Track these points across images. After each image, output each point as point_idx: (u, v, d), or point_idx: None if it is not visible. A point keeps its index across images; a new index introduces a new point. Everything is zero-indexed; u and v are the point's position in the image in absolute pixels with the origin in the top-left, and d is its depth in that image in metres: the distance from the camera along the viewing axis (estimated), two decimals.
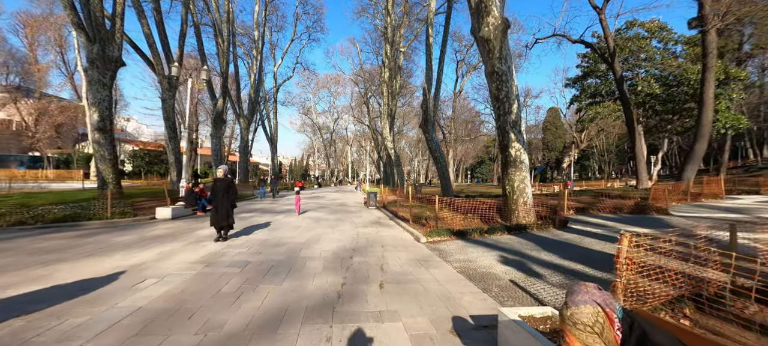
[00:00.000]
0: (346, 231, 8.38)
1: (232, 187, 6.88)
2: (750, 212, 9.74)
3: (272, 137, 42.57)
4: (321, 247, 6.42)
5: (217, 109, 24.36)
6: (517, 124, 8.68)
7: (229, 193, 6.78)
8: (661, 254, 2.87)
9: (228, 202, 6.69)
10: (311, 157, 79.54)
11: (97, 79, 13.28)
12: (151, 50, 18.73)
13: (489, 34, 8.33)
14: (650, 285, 2.78)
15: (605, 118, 33.45)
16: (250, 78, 35.11)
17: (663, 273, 2.86)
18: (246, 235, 7.60)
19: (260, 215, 11.52)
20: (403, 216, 10.57)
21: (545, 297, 3.77)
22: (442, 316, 3.25)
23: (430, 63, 18.20)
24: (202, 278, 4.35)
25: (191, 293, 3.78)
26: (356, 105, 53.13)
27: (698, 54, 25.88)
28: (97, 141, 13.43)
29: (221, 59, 24.90)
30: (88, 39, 12.99)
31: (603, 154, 47.40)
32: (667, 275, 2.90)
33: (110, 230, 8.12)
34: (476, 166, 76.85)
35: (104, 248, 6.16)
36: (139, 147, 45.48)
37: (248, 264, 5.06)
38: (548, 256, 5.66)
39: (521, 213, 8.54)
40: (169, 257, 5.47)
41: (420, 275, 4.61)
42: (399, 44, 28.31)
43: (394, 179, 27.29)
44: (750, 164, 39.37)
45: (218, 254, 5.66)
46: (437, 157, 18.20)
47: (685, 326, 2.52)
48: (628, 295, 2.63)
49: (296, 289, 3.98)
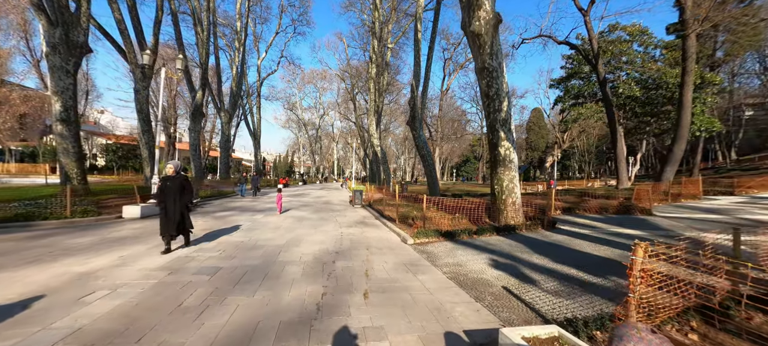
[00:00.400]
0: (330, 232, 7.96)
1: (186, 186, 5.80)
2: (729, 212, 9.94)
3: (255, 132, 41.36)
4: (301, 250, 5.97)
5: (196, 102, 23.25)
6: (507, 122, 8.47)
7: (183, 194, 5.74)
8: (673, 264, 2.63)
9: (181, 204, 5.68)
10: (296, 153, 78.10)
11: (60, 65, 12.25)
12: (122, 38, 17.58)
13: (480, 29, 8.06)
14: (662, 298, 2.53)
15: (588, 119, 34.18)
16: (232, 70, 33.83)
17: (673, 284, 2.62)
18: (220, 236, 7.05)
19: (239, 214, 10.91)
20: (389, 215, 10.22)
21: (542, 307, 3.50)
22: (433, 332, 2.91)
23: (419, 59, 17.89)
24: (162, 288, 3.85)
25: (147, 307, 3.29)
26: (343, 101, 52.37)
27: (676, 58, 26.75)
28: (60, 133, 12.42)
29: (201, 50, 23.75)
30: (49, 22, 11.94)
31: (584, 154, 48.64)
32: (676, 286, 2.67)
33: (68, 231, 7.38)
34: (461, 164, 77.56)
35: (55, 252, 5.51)
36: (112, 141, 43.20)
37: (219, 271, 4.57)
38: (540, 259, 5.44)
39: (510, 213, 8.35)
40: (129, 262, 4.91)
41: (408, 282, 4.27)
42: (387, 40, 27.88)
43: (381, 177, 26.94)
44: (719, 166, 41.29)
45: (186, 259, 5.13)
46: (424, 155, 17.95)
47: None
48: (641, 310, 2.36)
49: (270, 301, 3.55)
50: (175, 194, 5.60)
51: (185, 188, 5.79)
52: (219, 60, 30.29)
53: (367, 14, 30.88)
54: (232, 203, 15.17)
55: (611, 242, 6.59)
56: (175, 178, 5.73)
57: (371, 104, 27.47)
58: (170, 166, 5.80)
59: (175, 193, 5.61)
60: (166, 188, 5.61)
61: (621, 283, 4.19)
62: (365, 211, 12.80)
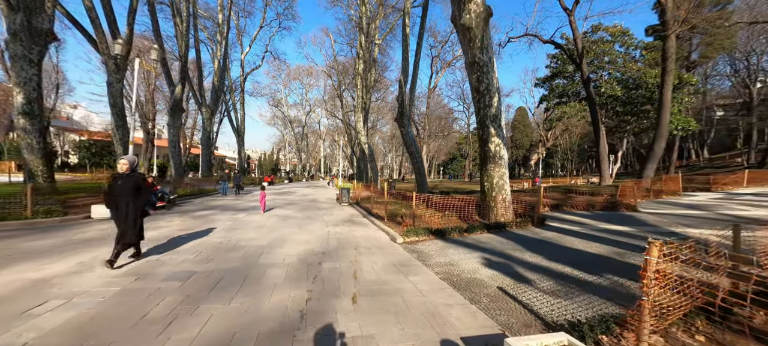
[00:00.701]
0: (316, 231, 7.62)
1: (141, 186, 4.82)
2: (709, 208, 10.19)
3: (239, 129, 40.26)
4: (285, 251, 5.63)
5: (175, 97, 22.28)
6: (497, 118, 8.34)
7: (139, 196, 4.74)
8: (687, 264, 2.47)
9: (135, 209, 4.67)
10: (282, 151, 76.67)
11: (22, 54, 11.36)
12: (93, 27, 16.51)
13: (471, 22, 7.87)
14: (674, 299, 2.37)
15: (571, 117, 34.92)
16: (213, 65, 32.71)
17: (683, 284, 2.46)
18: (198, 238, 6.60)
19: (219, 213, 10.40)
20: (377, 213, 9.96)
21: (541, 309, 3.32)
22: (429, 340, 2.67)
23: (407, 55, 17.65)
24: (126, 297, 3.45)
25: (105, 320, 2.91)
26: (329, 98, 51.65)
27: (655, 59, 27.60)
28: (23, 127, 11.55)
29: (180, 42, 22.76)
30: (9, 6, 11.05)
31: (567, 152, 49.81)
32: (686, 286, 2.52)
33: (27, 233, 6.76)
34: (448, 162, 78.11)
35: (12, 255, 4.98)
36: (85, 137, 41.09)
37: (192, 275, 4.19)
38: (533, 257, 5.30)
39: (500, 211, 8.24)
40: (92, 267, 4.45)
41: (399, 285, 4.02)
42: (374, 36, 27.52)
43: (368, 175, 26.63)
44: (693, 164, 43.14)
45: (156, 264, 4.71)
46: (413, 152, 17.76)
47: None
48: (652, 313, 2.19)
49: (249, 308, 3.22)
50: (128, 196, 4.60)
51: (140, 189, 4.79)
52: (200, 53, 29.16)
53: (353, 9, 30.38)
54: (213, 201, 14.55)
55: (602, 238, 6.54)
56: (128, 176, 4.71)
57: (358, 101, 27.08)
58: (123, 162, 4.76)
59: (128, 194, 4.61)
60: (117, 187, 4.63)
61: (617, 281, 4.08)
62: (353, 209, 12.50)
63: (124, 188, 4.63)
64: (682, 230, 7.27)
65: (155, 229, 7.47)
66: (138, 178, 4.83)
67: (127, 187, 4.64)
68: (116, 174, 4.80)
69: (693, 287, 2.51)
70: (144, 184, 4.93)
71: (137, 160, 4.96)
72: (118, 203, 4.59)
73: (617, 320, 2.73)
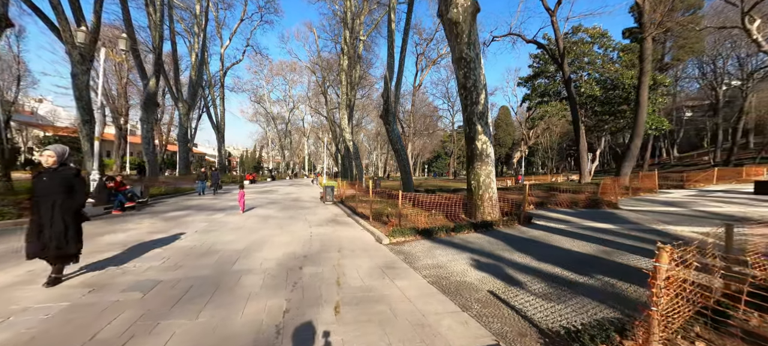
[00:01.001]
0: (298, 232, 7.26)
1: (74, 184, 3.77)
2: (686, 205, 10.51)
3: (219, 126, 38.87)
4: (263, 255, 5.27)
5: (149, 91, 21.08)
6: (484, 115, 8.22)
7: (71, 196, 3.73)
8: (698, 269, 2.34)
9: (65, 212, 3.66)
10: (265, 148, 74.85)
11: None
12: (56, 13, 15.32)
13: (458, 17, 7.69)
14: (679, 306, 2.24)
15: (552, 116, 35.71)
16: (191, 58, 31.32)
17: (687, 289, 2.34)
18: (167, 243, 6.12)
19: (194, 214, 9.83)
20: (362, 213, 9.68)
21: (535, 314, 3.15)
22: None
23: (392, 50, 17.38)
24: (75, 313, 3.03)
25: (45, 342, 2.51)
26: (313, 95, 50.73)
27: (632, 60, 28.56)
28: None
29: (153, 33, 21.55)
30: None
31: (547, 150, 51.05)
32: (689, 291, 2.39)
33: None
34: (433, 160, 78.60)
35: None
36: (50, 133, 38.57)
37: (157, 285, 3.78)
38: (522, 258, 5.18)
39: (487, 209, 8.14)
40: (40, 277, 3.96)
41: (385, 290, 3.77)
42: (359, 32, 27.08)
43: (353, 173, 26.26)
44: (664, 162, 45.17)
45: (117, 273, 4.26)
46: (398, 150, 17.55)
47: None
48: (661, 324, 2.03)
49: (218, 324, 2.89)
50: (55, 196, 3.62)
51: (74, 187, 3.77)
52: (176, 46, 27.75)
53: (338, 4, 29.80)
54: (188, 201, 13.84)
55: (587, 236, 6.53)
56: (55, 171, 3.70)
57: (343, 98, 26.60)
58: (49, 153, 3.69)
59: (55, 193, 3.62)
60: (41, 185, 3.63)
61: (608, 282, 3.99)
62: (337, 208, 12.16)
63: (50, 185, 3.63)
64: (663, 227, 7.39)
65: (122, 232, 6.92)
66: (70, 174, 3.79)
67: (53, 184, 3.64)
68: (41, 169, 3.75)
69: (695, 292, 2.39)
70: (80, 182, 3.86)
71: (68, 150, 3.92)
72: (41, 204, 3.59)
73: (616, 327, 2.59)
